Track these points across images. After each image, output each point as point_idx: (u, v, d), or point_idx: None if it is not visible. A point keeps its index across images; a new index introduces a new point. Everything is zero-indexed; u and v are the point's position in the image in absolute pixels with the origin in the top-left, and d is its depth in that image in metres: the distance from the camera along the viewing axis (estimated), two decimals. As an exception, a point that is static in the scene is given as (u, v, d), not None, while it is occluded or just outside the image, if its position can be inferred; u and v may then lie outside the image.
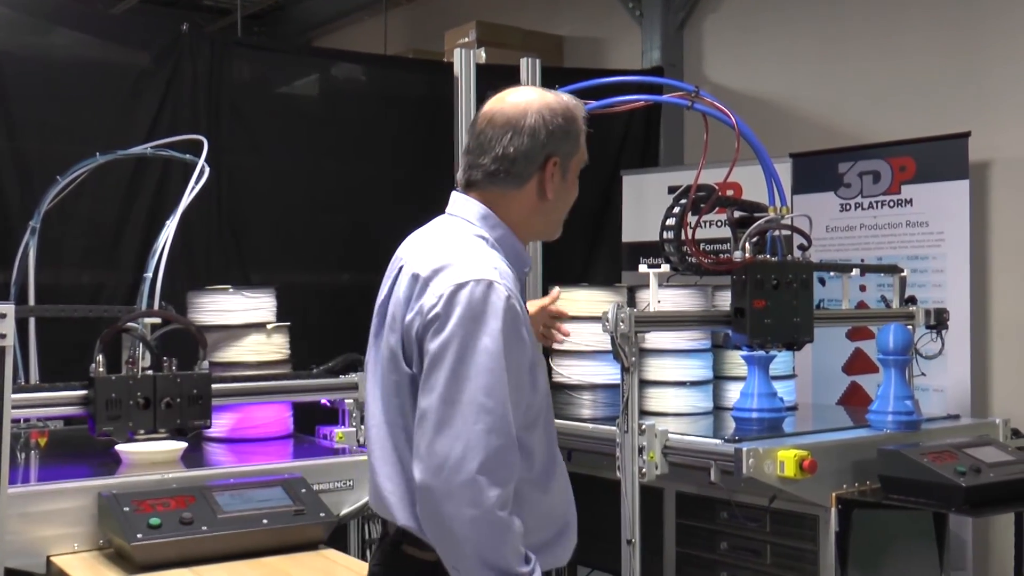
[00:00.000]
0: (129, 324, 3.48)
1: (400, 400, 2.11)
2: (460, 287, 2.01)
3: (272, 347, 4.06)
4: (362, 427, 3.76)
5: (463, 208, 2.20)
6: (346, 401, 3.86)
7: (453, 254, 2.08)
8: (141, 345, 3.51)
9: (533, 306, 2.71)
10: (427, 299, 2.04)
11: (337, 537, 3.45)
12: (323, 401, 3.96)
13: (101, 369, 3.24)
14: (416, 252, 2.16)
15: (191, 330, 3.50)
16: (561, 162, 2.19)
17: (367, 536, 3.68)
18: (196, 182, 3.52)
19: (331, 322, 5.28)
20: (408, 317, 2.07)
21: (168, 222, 3.51)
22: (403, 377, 2.09)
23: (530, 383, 2.08)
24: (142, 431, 3.25)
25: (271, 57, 5.52)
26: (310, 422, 4.04)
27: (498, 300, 2.00)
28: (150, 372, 3.32)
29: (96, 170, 4.21)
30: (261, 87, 5.43)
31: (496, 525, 1.95)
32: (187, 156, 3.85)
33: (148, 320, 3.64)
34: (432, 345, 2.00)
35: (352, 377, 3.87)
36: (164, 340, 3.60)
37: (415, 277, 2.09)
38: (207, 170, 3.54)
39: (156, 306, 3.67)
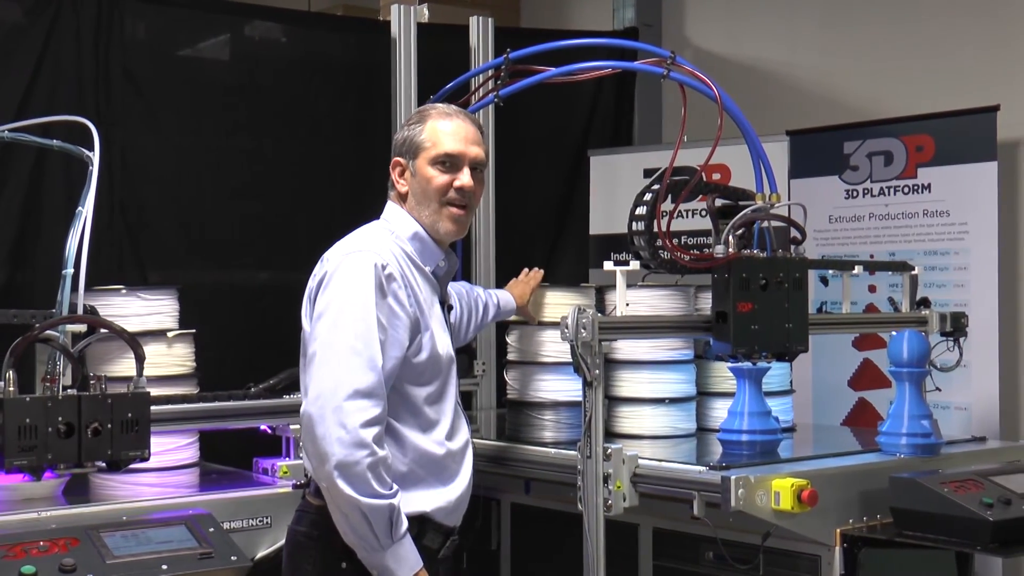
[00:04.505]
0: (48, 333, 3.29)
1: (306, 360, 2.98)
2: (343, 257, 2.93)
3: (174, 359, 4.03)
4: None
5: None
6: (291, 427, 3.77)
7: (350, 238, 3.05)
8: (62, 358, 3.33)
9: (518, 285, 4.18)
10: (320, 268, 2.97)
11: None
12: (262, 427, 3.88)
13: (12, 388, 3.08)
14: None
15: (125, 338, 3.33)
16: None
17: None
18: (88, 181, 3.47)
19: (246, 329, 5.28)
20: (311, 286, 2.99)
21: (80, 208, 3.45)
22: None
23: (412, 344, 2.94)
24: (63, 465, 3.11)
25: (172, 12, 5.46)
26: (244, 453, 3.97)
27: (371, 267, 2.87)
28: (72, 392, 3.17)
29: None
30: (160, 49, 5.37)
31: (360, 444, 2.75)
32: (54, 142, 3.71)
33: (70, 328, 3.48)
34: (318, 302, 2.92)
35: (299, 397, 3.75)
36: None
37: (321, 260, 3.01)
38: (96, 163, 3.48)
39: (80, 310, 3.47)
